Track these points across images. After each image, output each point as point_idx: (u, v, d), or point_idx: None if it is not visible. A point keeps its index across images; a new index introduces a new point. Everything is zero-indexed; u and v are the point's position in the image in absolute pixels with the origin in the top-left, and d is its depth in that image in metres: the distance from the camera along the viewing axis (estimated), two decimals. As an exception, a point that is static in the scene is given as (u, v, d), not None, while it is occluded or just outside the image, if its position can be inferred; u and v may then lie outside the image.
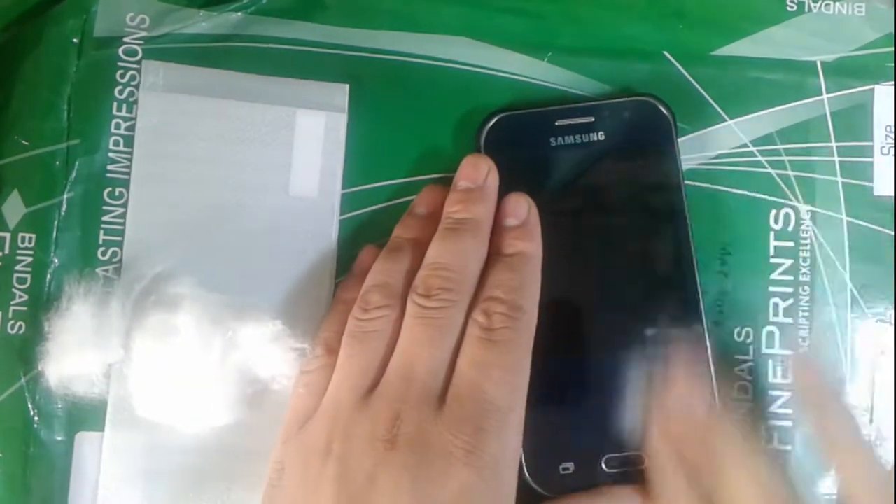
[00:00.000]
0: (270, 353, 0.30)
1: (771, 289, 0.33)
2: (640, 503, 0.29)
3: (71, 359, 0.30)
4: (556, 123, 0.32)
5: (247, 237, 0.31)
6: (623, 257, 0.32)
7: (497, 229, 0.30)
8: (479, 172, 0.31)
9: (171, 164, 0.31)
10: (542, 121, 0.32)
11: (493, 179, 0.31)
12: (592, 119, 0.32)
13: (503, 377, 0.27)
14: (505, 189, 0.31)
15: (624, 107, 0.32)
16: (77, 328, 0.30)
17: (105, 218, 0.31)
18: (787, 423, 0.32)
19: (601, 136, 0.32)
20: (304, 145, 0.32)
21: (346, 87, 0.32)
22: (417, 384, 0.27)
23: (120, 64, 0.32)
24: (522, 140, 0.32)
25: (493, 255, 0.30)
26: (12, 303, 0.31)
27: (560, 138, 0.32)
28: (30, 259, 0.31)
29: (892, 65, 0.34)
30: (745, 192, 0.33)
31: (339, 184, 0.32)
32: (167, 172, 0.31)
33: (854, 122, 0.34)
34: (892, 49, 0.34)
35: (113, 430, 0.30)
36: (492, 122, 0.32)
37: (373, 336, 0.28)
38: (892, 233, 0.33)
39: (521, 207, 0.30)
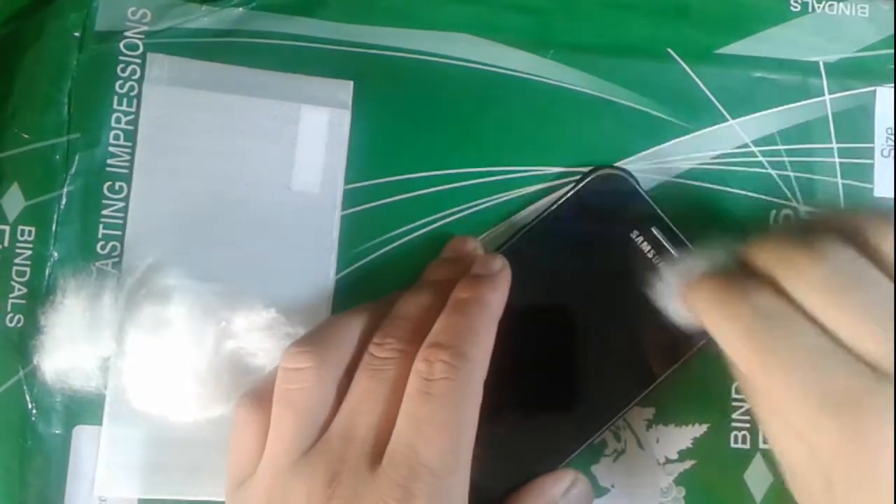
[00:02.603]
0: (265, 341, 0.30)
1: (771, 289, 0.33)
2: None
3: (66, 352, 0.30)
4: (652, 229, 0.31)
5: (248, 231, 0.31)
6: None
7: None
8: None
9: (173, 157, 0.31)
10: (645, 210, 0.32)
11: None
12: (675, 254, 0.31)
13: (439, 436, 0.25)
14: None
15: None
16: (73, 322, 0.30)
17: (105, 212, 0.31)
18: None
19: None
20: (307, 141, 0.32)
21: (351, 83, 0.32)
22: (356, 443, 0.25)
23: (121, 58, 0.32)
24: (615, 210, 0.32)
25: (450, 300, 0.28)
26: (11, 296, 0.31)
27: (642, 239, 0.31)
28: (29, 252, 0.31)
29: (894, 66, 0.34)
30: (746, 192, 0.33)
31: (342, 180, 0.32)
32: (170, 165, 0.31)
33: (855, 123, 0.34)
34: (894, 51, 0.34)
35: (111, 423, 0.30)
36: (598, 175, 0.32)
37: (299, 394, 0.27)
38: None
39: (494, 263, 0.29)
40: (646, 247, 0.32)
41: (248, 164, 0.32)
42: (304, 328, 0.30)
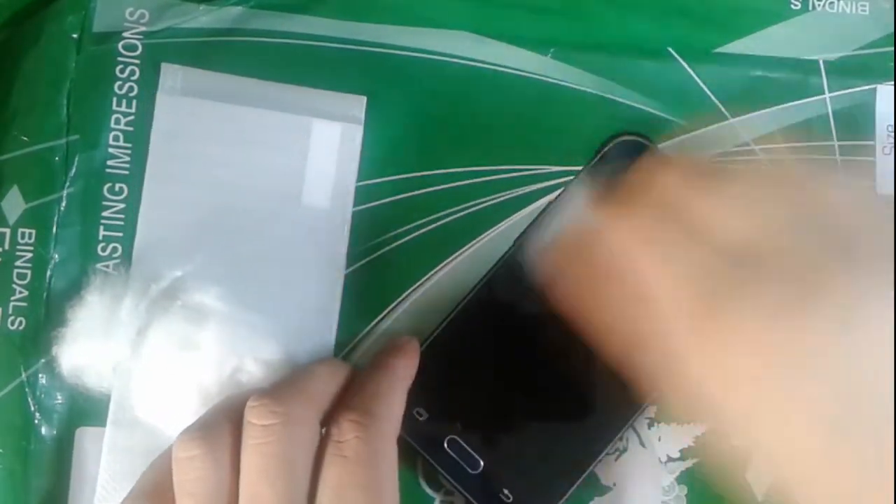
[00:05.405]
0: (276, 374, 0.30)
1: (771, 287, 0.33)
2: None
3: (78, 351, 0.30)
4: None
5: (258, 244, 0.31)
6: None
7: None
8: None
9: (185, 167, 0.31)
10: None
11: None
12: None
13: (362, 498, 0.24)
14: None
15: None
16: (87, 322, 0.30)
17: (105, 213, 0.31)
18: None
19: None
20: (318, 155, 0.32)
21: (364, 98, 0.32)
22: None
23: (119, 59, 0.31)
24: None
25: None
26: (12, 298, 0.31)
27: None
28: (30, 255, 0.31)
29: (894, 64, 0.34)
30: (747, 191, 0.33)
31: (352, 194, 0.32)
32: (181, 175, 0.31)
33: (856, 121, 0.34)
34: (894, 48, 0.34)
35: (114, 429, 0.30)
36: (618, 141, 0.32)
37: (197, 484, 0.25)
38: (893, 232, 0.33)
39: (400, 339, 0.30)
40: None
41: (259, 176, 0.31)
42: (310, 353, 0.30)
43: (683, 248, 0.24)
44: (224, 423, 0.26)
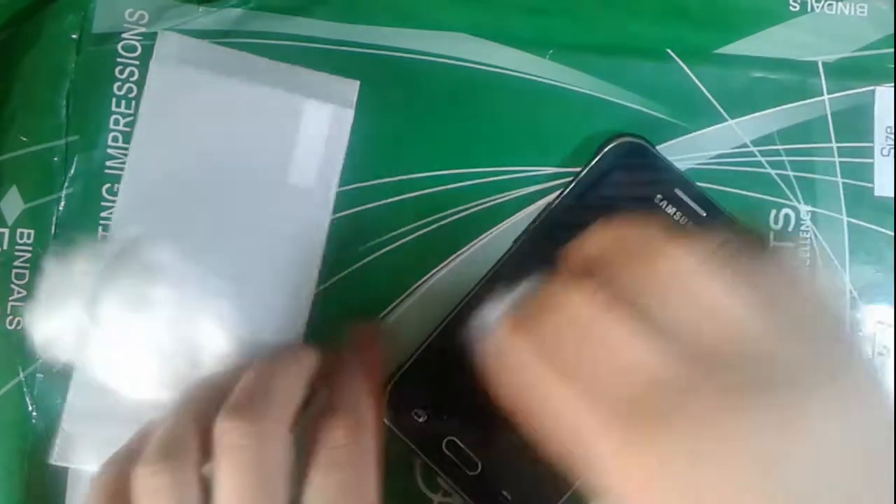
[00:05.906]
0: (225, 344, 0.28)
1: (770, 289, 0.33)
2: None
3: (45, 325, 0.28)
4: (675, 190, 0.32)
5: (240, 217, 0.31)
6: None
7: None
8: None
9: (172, 136, 0.31)
10: (667, 173, 0.32)
11: None
12: (704, 214, 0.32)
13: (357, 499, 0.25)
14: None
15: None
16: (48, 293, 0.28)
17: (104, 214, 0.31)
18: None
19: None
20: (307, 135, 0.32)
21: (357, 83, 0.32)
22: None
23: (119, 60, 0.31)
24: (637, 176, 0.32)
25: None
26: (10, 298, 0.31)
27: (666, 203, 0.32)
28: (28, 255, 0.31)
29: (893, 66, 0.34)
30: (745, 192, 0.33)
31: (338, 177, 0.32)
32: (168, 142, 0.31)
33: (855, 122, 0.34)
34: (893, 50, 0.34)
35: (75, 394, 0.30)
36: (616, 143, 0.32)
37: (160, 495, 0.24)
38: (893, 233, 0.33)
39: (369, 327, 0.31)
40: (671, 209, 0.32)
41: (247, 151, 0.31)
42: (279, 329, 0.30)
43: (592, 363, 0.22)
44: (189, 441, 0.25)
